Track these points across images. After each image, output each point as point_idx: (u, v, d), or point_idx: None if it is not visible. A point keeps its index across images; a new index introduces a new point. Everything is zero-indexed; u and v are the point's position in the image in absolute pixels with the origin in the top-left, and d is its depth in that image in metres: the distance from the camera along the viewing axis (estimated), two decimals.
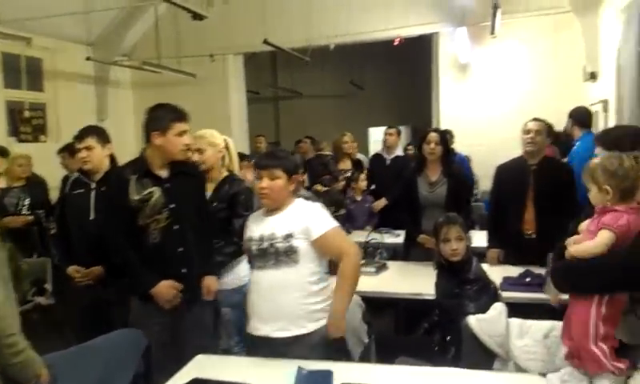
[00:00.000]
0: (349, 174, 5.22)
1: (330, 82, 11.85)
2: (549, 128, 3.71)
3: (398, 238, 4.43)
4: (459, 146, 6.85)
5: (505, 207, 3.55)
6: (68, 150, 4.78)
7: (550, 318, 2.97)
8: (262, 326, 2.28)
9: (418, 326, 2.88)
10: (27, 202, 4.47)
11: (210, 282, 2.70)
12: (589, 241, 1.83)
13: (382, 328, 4.09)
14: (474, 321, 2.34)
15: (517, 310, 3.08)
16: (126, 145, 6.56)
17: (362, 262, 3.70)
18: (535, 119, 3.53)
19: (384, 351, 2.85)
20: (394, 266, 3.78)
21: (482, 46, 7.43)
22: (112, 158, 2.97)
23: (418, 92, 9.43)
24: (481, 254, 3.58)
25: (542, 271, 3.19)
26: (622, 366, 1.80)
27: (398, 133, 5.62)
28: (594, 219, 1.89)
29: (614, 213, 1.82)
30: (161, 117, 2.49)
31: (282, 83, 11.94)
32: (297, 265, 2.23)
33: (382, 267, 3.60)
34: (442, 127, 7.12)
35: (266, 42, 6.10)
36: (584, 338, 1.84)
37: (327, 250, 2.29)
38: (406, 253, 3.95)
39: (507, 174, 3.64)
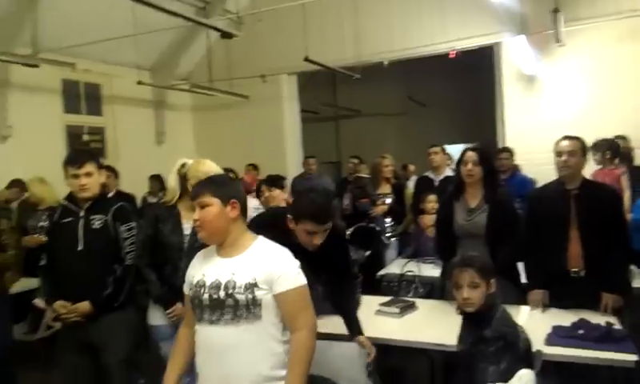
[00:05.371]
0: (389, 200, 4.78)
1: (390, 99, 11.48)
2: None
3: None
4: (526, 166, 6.22)
5: (544, 240, 3.02)
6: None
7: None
8: None
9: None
10: (45, 223, 4.31)
11: None
12: None
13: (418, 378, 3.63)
14: None
15: (565, 370, 2.57)
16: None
17: (388, 299, 3.31)
18: (567, 137, 2.97)
19: None
20: (425, 305, 3.28)
21: (549, 56, 6.77)
22: (102, 186, 2.80)
23: (484, 107, 8.81)
24: None
25: (599, 320, 2.63)
26: None
27: (444, 151, 5.07)
28: None
29: None
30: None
31: (341, 102, 11.73)
32: (259, 320, 1.82)
33: (408, 307, 3.12)
34: (508, 144, 6.54)
35: (307, 59, 5.88)
36: None
37: (284, 311, 1.85)
38: (443, 289, 3.45)
39: (543, 201, 3.10)
